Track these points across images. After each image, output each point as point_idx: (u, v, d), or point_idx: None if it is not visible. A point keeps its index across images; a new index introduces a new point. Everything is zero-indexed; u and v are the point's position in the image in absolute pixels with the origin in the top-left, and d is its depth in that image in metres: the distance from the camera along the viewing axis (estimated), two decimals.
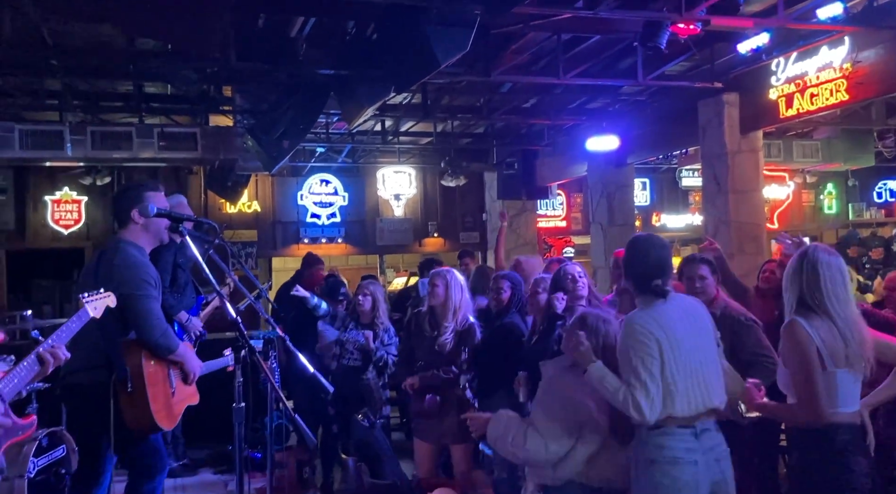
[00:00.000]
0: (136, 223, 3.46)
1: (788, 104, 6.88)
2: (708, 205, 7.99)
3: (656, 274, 2.84)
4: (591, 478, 2.89)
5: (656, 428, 2.73)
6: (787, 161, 11.02)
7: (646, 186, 13.81)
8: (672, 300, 2.86)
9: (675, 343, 2.73)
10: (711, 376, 2.80)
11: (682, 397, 2.71)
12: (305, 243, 11.94)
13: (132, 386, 3.24)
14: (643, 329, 2.74)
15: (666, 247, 2.97)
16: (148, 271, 3.43)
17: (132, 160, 8.16)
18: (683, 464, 2.69)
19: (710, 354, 2.85)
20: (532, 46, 6.98)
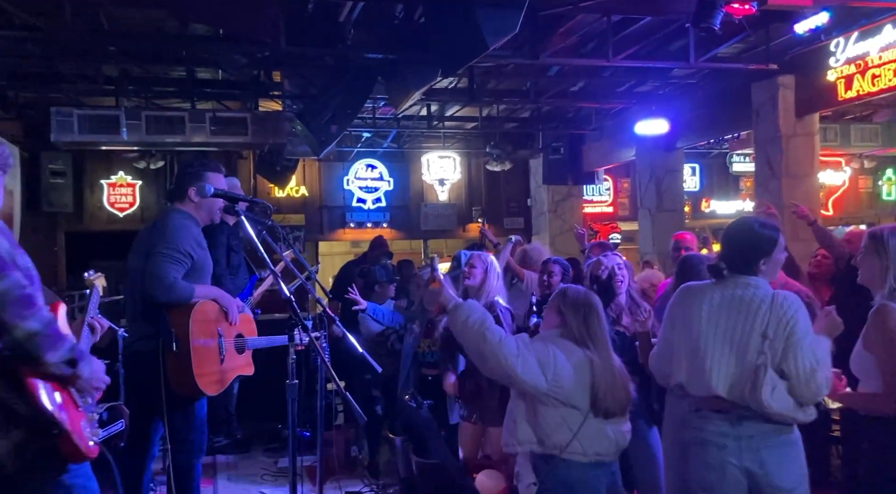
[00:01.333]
0: (192, 200, 3.56)
1: (848, 86, 6.66)
2: (760, 191, 7.80)
3: (744, 255, 2.80)
4: (578, 453, 2.84)
5: (696, 411, 2.73)
6: (843, 145, 10.69)
7: (695, 171, 13.56)
8: (727, 287, 2.76)
9: (686, 321, 2.80)
10: (724, 363, 2.69)
11: (682, 371, 2.79)
12: (351, 227, 12.08)
13: (177, 347, 3.33)
14: (674, 300, 2.88)
15: (769, 227, 2.89)
16: (184, 237, 3.45)
17: (184, 144, 8.35)
18: (710, 446, 2.68)
19: (741, 346, 2.70)
20: (581, 28, 6.89)
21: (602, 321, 2.98)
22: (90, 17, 6.17)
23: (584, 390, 2.87)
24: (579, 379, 2.86)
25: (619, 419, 2.91)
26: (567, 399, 2.85)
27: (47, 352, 2.07)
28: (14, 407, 2.01)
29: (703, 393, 2.74)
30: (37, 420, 2.05)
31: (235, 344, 3.72)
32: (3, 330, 2.03)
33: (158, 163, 10.41)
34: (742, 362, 2.71)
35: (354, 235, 12.38)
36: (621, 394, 2.90)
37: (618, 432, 2.91)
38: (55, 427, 2.05)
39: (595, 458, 2.86)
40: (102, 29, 6.38)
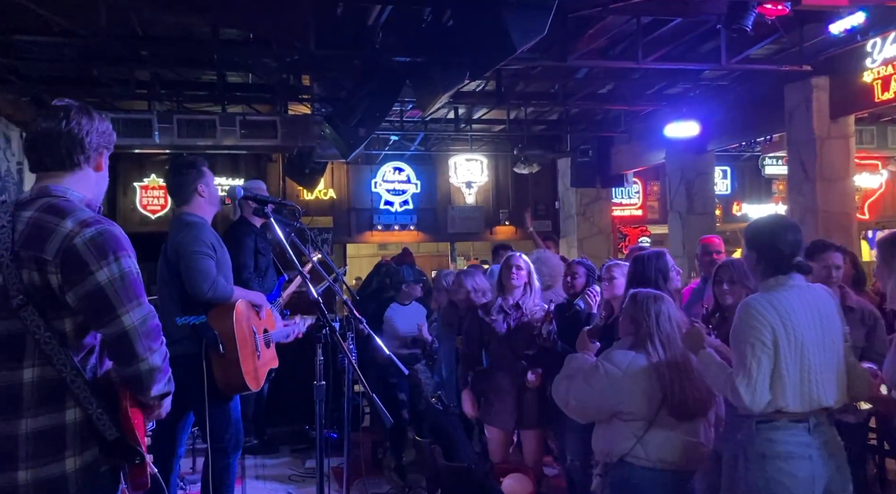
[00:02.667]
0: (202, 196, 3.67)
1: (885, 87, 6.52)
2: (794, 194, 7.67)
3: (796, 252, 2.73)
4: (642, 459, 2.90)
5: (767, 422, 2.61)
6: (880, 147, 10.46)
7: (726, 174, 13.37)
8: (797, 288, 2.70)
9: (792, 332, 2.59)
10: (830, 373, 2.64)
11: (793, 390, 2.58)
12: (379, 230, 12.12)
13: (225, 349, 3.39)
14: (759, 314, 2.60)
15: (800, 230, 2.85)
16: (205, 232, 3.60)
17: (215, 147, 8.46)
18: (798, 459, 2.57)
19: (833, 349, 2.67)
20: (610, 30, 6.83)
21: (672, 319, 3.00)
22: (124, 22, 6.28)
23: (646, 397, 2.91)
24: (638, 388, 2.92)
25: (695, 422, 2.92)
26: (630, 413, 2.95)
27: (155, 386, 1.94)
28: (99, 427, 1.87)
29: (808, 409, 2.62)
30: (121, 446, 1.89)
31: (265, 339, 3.78)
32: (127, 360, 1.88)
33: None
34: (837, 365, 2.68)
35: (382, 237, 12.43)
36: (695, 395, 2.90)
37: (687, 440, 2.90)
38: (138, 457, 1.91)
39: (660, 465, 2.90)
40: (136, 34, 6.49)
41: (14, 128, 8.46)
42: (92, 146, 1.98)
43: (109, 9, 5.80)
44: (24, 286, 1.80)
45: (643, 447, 2.89)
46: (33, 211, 1.86)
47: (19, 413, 1.82)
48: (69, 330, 1.86)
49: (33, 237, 1.82)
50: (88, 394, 1.85)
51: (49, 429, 1.83)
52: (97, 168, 2.02)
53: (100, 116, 2.02)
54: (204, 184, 3.63)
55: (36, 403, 1.83)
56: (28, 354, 1.83)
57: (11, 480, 1.81)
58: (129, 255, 1.90)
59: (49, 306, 1.82)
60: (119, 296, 1.84)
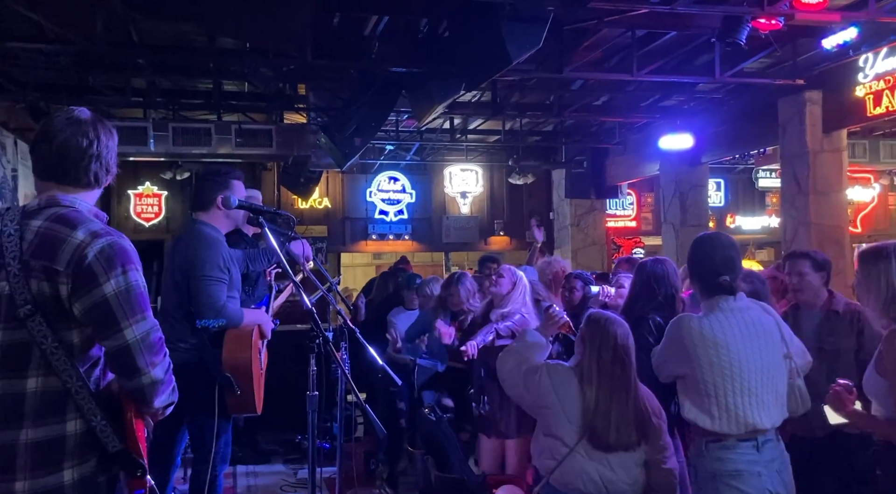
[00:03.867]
0: (219, 208, 3.58)
1: (877, 102, 6.57)
2: (787, 207, 7.71)
3: (723, 271, 2.73)
4: (559, 482, 2.86)
5: (716, 442, 2.66)
6: (872, 161, 10.53)
7: (720, 187, 13.43)
8: (736, 310, 2.73)
9: (727, 360, 2.63)
10: (768, 395, 2.68)
11: (720, 415, 2.63)
12: (373, 239, 12.12)
13: (240, 388, 3.34)
14: (688, 338, 2.67)
15: (734, 246, 2.84)
16: (220, 253, 3.48)
17: (210, 155, 8.45)
18: (747, 476, 2.62)
19: (770, 372, 2.70)
20: (605, 43, 6.88)
21: (618, 351, 2.87)
22: (121, 30, 6.29)
23: (567, 418, 2.85)
24: (564, 411, 2.86)
25: (621, 455, 2.82)
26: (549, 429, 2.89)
27: (157, 398, 1.93)
28: (102, 439, 1.86)
29: (740, 431, 2.64)
30: (123, 458, 1.89)
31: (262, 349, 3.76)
32: (129, 374, 1.87)
33: (184, 174, 10.54)
34: (773, 388, 2.70)
35: (376, 247, 12.42)
36: (618, 430, 2.81)
37: (605, 474, 2.80)
38: (139, 469, 1.91)
39: (575, 492, 2.83)
40: (132, 42, 6.49)
41: (8, 135, 8.44)
42: (112, 167, 2.01)
43: (106, 16, 5.80)
44: (33, 295, 1.79)
45: (560, 472, 2.82)
46: (43, 220, 1.85)
47: (20, 422, 1.81)
48: (77, 341, 1.85)
49: (44, 246, 1.81)
50: (93, 406, 1.85)
51: (50, 440, 1.82)
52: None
53: (113, 131, 2.04)
54: (223, 200, 3.37)
55: (37, 413, 1.82)
56: (33, 364, 1.82)
57: (9, 490, 1.79)
58: (136, 269, 1.89)
59: (57, 317, 1.81)
60: (123, 310, 1.83)
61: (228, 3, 5.29)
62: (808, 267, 3.58)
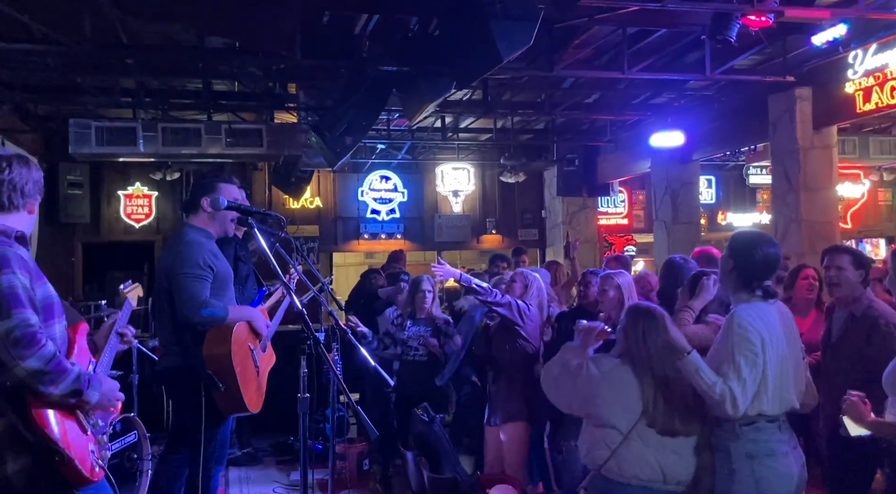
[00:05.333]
0: (206, 211, 3.56)
1: (866, 98, 6.59)
2: (778, 203, 7.73)
3: (768, 273, 2.83)
4: (616, 473, 2.87)
5: (749, 424, 2.74)
6: (862, 157, 10.57)
7: (711, 184, 13.45)
8: (771, 303, 2.85)
9: (773, 342, 2.73)
10: (796, 379, 2.83)
11: (773, 395, 2.73)
12: (365, 239, 12.08)
13: (223, 382, 3.33)
14: (751, 325, 2.71)
15: (777, 245, 2.93)
16: (200, 252, 3.45)
17: (200, 156, 8.40)
18: (780, 456, 2.73)
19: (797, 360, 2.87)
20: (596, 41, 6.87)
21: (662, 332, 2.92)
22: (109, 30, 6.24)
23: (621, 407, 2.89)
24: (618, 400, 2.89)
25: (679, 440, 2.85)
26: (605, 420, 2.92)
27: (48, 387, 2.17)
28: (22, 434, 2.13)
29: (779, 411, 2.77)
30: (42, 447, 2.16)
31: (260, 345, 3.73)
32: (4, 368, 2.13)
33: (174, 174, 10.48)
34: (800, 373, 2.86)
35: (369, 246, 12.39)
36: (681, 412, 2.85)
37: (662, 459, 2.84)
38: (57, 455, 2.17)
39: (635, 481, 2.85)
40: (121, 42, 6.44)
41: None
42: (28, 193, 2.36)
43: (93, 17, 5.76)
44: None
45: (616, 460, 2.85)
46: None
47: None
48: None
49: None
50: (3, 404, 2.15)
51: None
52: (30, 211, 2.40)
53: (36, 167, 2.41)
54: (211, 201, 3.37)
55: None
56: None
57: None
58: (12, 272, 2.17)
59: None
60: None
61: (217, 2, 5.25)
62: (847, 262, 3.55)
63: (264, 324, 3.72)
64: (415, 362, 5.15)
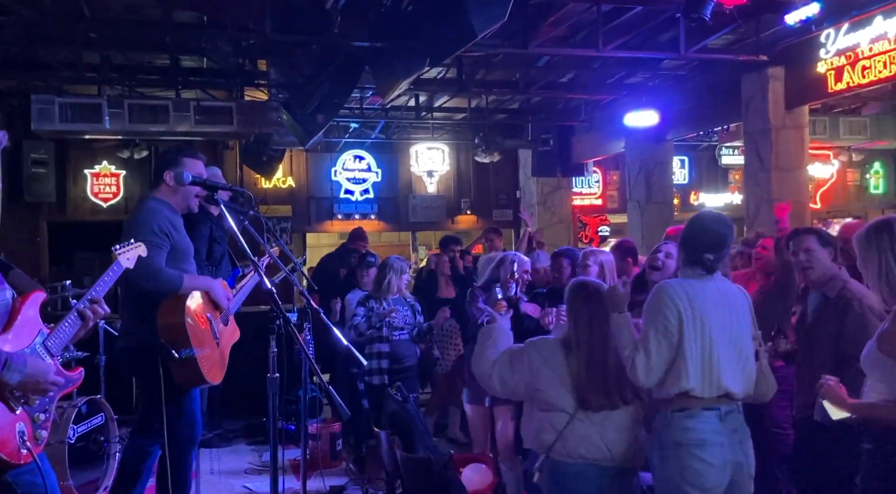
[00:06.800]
0: (168, 185, 3.48)
1: (838, 78, 6.63)
2: (750, 183, 7.78)
3: (710, 248, 2.80)
4: (563, 455, 2.87)
5: (682, 411, 2.70)
6: (832, 138, 10.67)
7: (684, 164, 13.53)
8: (714, 280, 2.81)
9: (699, 320, 2.70)
10: (732, 363, 2.76)
11: (698, 375, 2.69)
12: (339, 219, 11.98)
13: (179, 355, 3.26)
14: (670, 299, 2.72)
15: (730, 226, 2.90)
16: (157, 218, 3.37)
17: (169, 133, 8.22)
18: (711, 446, 2.67)
19: (740, 343, 2.79)
20: (570, 18, 6.82)
21: (596, 310, 2.92)
22: (70, 2, 6.04)
23: (564, 388, 2.87)
24: (556, 378, 2.89)
25: (617, 415, 2.84)
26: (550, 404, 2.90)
27: None
28: None
29: (713, 394, 2.71)
30: None
31: (221, 318, 3.66)
32: None
33: (142, 152, 10.26)
34: (741, 358, 2.79)
35: (342, 227, 12.27)
36: (607, 385, 2.86)
37: (605, 436, 2.83)
38: None
39: (581, 460, 2.85)
40: (83, 15, 6.25)
41: None
42: None
43: None
44: None
45: (563, 442, 2.84)
46: None
47: None
48: None
49: None
50: None
51: None
52: None
53: None
54: (175, 175, 3.30)
55: None
56: None
57: None
58: None
59: None
60: None
61: None
62: (814, 242, 3.49)
63: (224, 296, 3.62)
64: (400, 341, 5.13)
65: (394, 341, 5.10)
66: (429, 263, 7.27)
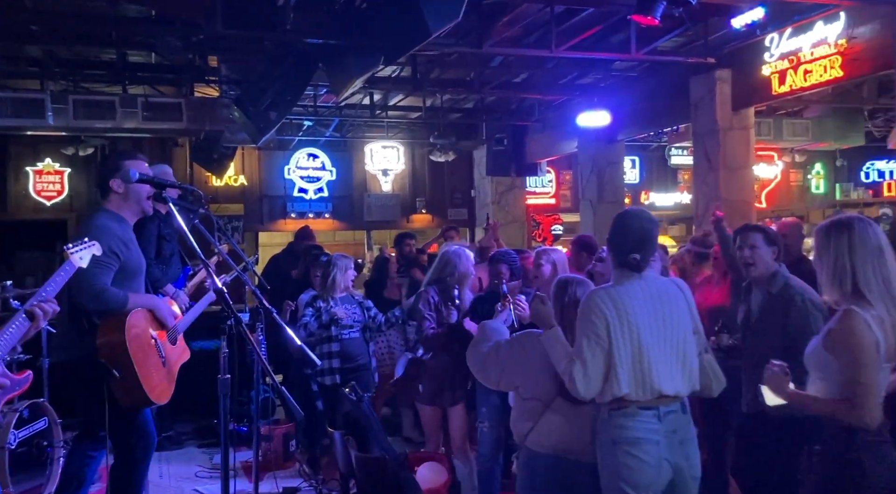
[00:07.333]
0: (117, 192, 3.38)
1: (781, 80, 6.83)
2: (699, 183, 7.95)
3: (635, 247, 2.79)
4: (537, 444, 2.94)
5: (618, 409, 2.71)
6: (777, 139, 11.01)
7: (635, 164, 13.77)
8: (645, 280, 2.80)
9: (626, 325, 2.69)
10: (670, 364, 2.75)
11: (626, 380, 2.68)
12: (292, 218, 11.85)
13: (120, 374, 3.17)
14: (597, 307, 2.72)
15: (653, 222, 2.90)
16: (108, 238, 3.27)
17: (115, 130, 8.03)
18: (645, 444, 2.68)
19: (678, 340, 2.78)
20: (524, 18, 6.86)
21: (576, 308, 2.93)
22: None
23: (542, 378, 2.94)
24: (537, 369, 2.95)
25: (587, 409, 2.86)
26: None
27: None
28: None
29: (647, 397, 2.70)
30: None
31: (168, 338, 3.58)
32: None
33: (88, 149, 9.99)
34: (680, 356, 2.77)
35: (296, 225, 12.07)
36: None
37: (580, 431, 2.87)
38: None
39: (552, 451, 2.90)
40: (24, 7, 6.04)
41: None
42: None
43: None
44: None
45: (538, 431, 2.91)
46: None
47: None
48: None
49: None
50: None
51: None
52: None
53: None
54: (122, 177, 3.25)
55: None
56: None
57: None
58: None
59: None
60: None
61: None
62: (760, 240, 3.53)
63: (170, 314, 3.55)
64: (351, 339, 5.09)
65: (344, 340, 5.05)
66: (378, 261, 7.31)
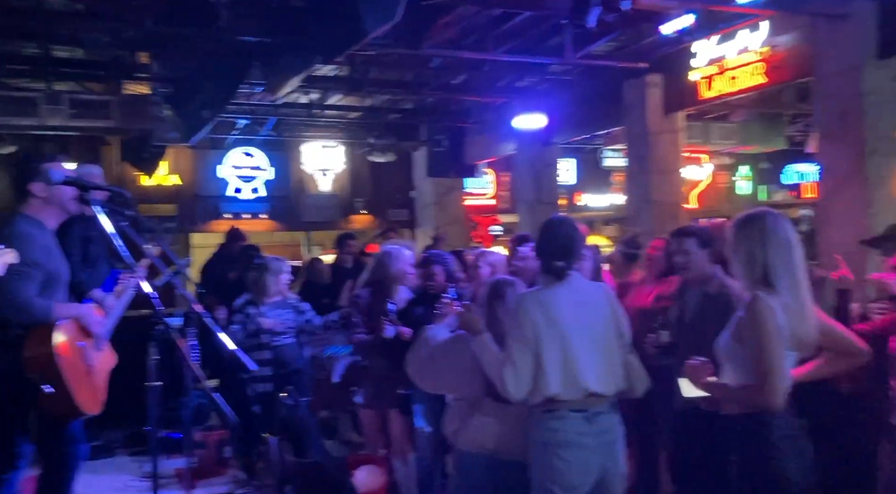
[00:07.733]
0: (39, 197, 3.24)
1: (709, 86, 7.07)
2: (631, 185, 8.16)
3: (559, 255, 2.88)
4: (465, 443, 2.99)
5: (549, 412, 2.77)
6: (706, 142, 11.38)
7: (572, 166, 14.02)
8: (570, 284, 2.88)
9: (556, 327, 2.77)
10: (596, 363, 2.82)
11: (556, 380, 2.75)
12: (227, 218, 11.63)
13: (52, 386, 3.05)
14: (524, 311, 2.80)
15: (576, 230, 2.99)
16: (29, 247, 3.13)
17: (39, 128, 7.73)
18: (573, 447, 2.73)
19: (603, 341, 2.86)
20: (462, 21, 6.90)
21: (504, 308, 2.99)
22: None
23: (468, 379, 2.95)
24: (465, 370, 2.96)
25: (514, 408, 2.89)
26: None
27: None
28: None
29: (577, 396, 2.76)
30: None
31: (95, 345, 3.46)
32: None
33: (10, 147, 9.55)
34: (606, 356, 2.85)
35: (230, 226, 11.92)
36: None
37: (506, 431, 2.89)
38: None
39: (482, 450, 2.92)
40: None
41: None
42: None
43: None
44: None
45: (470, 431, 2.94)
46: None
47: None
48: None
49: None
50: None
51: None
52: None
53: None
54: (41, 182, 3.12)
55: None
56: None
57: None
58: None
59: None
60: None
61: None
62: (693, 244, 3.55)
63: (96, 322, 3.43)
64: (283, 346, 4.99)
65: (276, 347, 4.96)
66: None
